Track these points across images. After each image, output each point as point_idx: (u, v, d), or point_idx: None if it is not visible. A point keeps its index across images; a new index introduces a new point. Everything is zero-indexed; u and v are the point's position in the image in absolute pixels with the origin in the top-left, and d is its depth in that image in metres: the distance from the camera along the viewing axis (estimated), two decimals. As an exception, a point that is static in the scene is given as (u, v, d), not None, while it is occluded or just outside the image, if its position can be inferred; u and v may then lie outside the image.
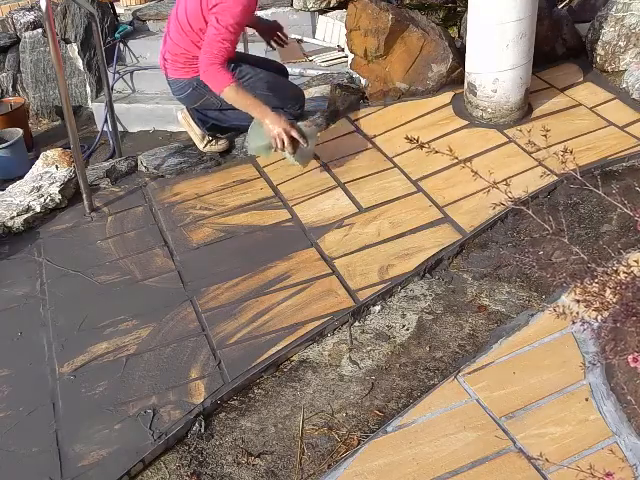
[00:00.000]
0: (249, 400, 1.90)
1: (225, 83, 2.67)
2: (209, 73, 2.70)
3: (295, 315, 2.12)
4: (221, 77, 2.68)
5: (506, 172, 2.46)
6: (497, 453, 1.58)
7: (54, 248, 2.67)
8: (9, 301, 2.42)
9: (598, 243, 2.14)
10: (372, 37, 3.04)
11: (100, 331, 2.20)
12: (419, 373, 1.88)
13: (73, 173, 2.97)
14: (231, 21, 2.66)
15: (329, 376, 1.93)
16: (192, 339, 2.10)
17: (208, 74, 2.70)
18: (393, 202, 2.53)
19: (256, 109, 2.70)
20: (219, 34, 2.67)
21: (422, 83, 3.09)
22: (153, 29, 5.33)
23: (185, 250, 2.51)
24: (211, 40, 2.69)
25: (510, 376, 1.76)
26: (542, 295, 2.03)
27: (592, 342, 1.78)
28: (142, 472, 1.75)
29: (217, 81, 2.69)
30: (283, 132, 2.62)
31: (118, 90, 4.97)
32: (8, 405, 2.00)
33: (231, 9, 2.66)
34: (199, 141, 3.06)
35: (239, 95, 2.69)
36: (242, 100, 2.71)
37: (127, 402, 1.92)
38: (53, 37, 2.56)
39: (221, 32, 2.67)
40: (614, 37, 2.99)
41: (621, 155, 2.53)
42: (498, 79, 2.76)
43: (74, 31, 5.04)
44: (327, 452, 1.71)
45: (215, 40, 2.68)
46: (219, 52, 2.68)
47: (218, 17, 2.67)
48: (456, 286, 2.15)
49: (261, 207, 2.67)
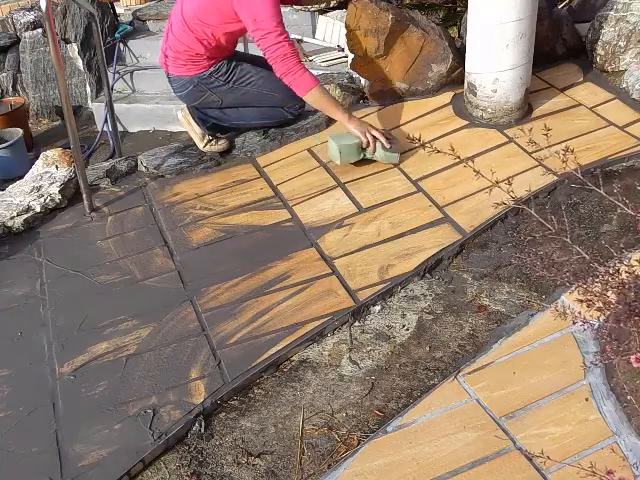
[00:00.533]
0: (249, 400, 1.90)
1: (312, 84, 2.69)
2: (294, 76, 2.68)
3: (295, 315, 2.12)
4: (306, 78, 2.69)
5: (506, 172, 2.46)
6: (497, 453, 1.58)
7: (54, 248, 2.67)
8: (9, 301, 2.42)
9: (598, 243, 2.14)
10: (372, 37, 3.04)
11: (100, 331, 2.20)
12: (419, 373, 1.88)
13: (73, 173, 2.97)
14: (275, 21, 2.65)
15: (329, 376, 1.93)
16: (192, 339, 2.10)
17: (293, 77, 2.68)
18: (393, 202, 2.53)
19: (339, 110, 2.74)
20: (271, 38, 2.65)
21: (422, 83, 3.09)
22: (153, 29, 5.34)
23: (185, 250, 2.51)
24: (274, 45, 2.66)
25: (510, 376, 1.76)
26: (542, 295, 2.03)
27: (592, 342, 1.78)
28: (142, 472, 1.75)
29: (303, 83, 2.69)
30: (370, 128, 2.66)
31: (118, 90, 4.98)
32: (8, 405, 2.00)
33: (264, 12, 2.64)
34: (199, 140, 3.06)
35: (324, 95, 2.73)
36: (325, 101, 2.74)
37: (127, 402, 1.92)
38: (53, 37, 2.56)
39: (276, 32, 2.65)
40: (614, 37, 3.00)
41: (621, 155, 2.53)
42: (498, 79, 2.76)
43: (74, 31, 5.05)
44: (327, 452, 1.71)
45: (278, 43, 2.65)
46: (285, 52, 2.66)
47: (262, 25, 2.65)
48: (456, 286, 2.15)
49: (261, 207, 2.67)
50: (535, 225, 2.30)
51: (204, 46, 2.85)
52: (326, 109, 2.80)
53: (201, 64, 2.91)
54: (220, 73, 2.94)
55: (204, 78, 2.94)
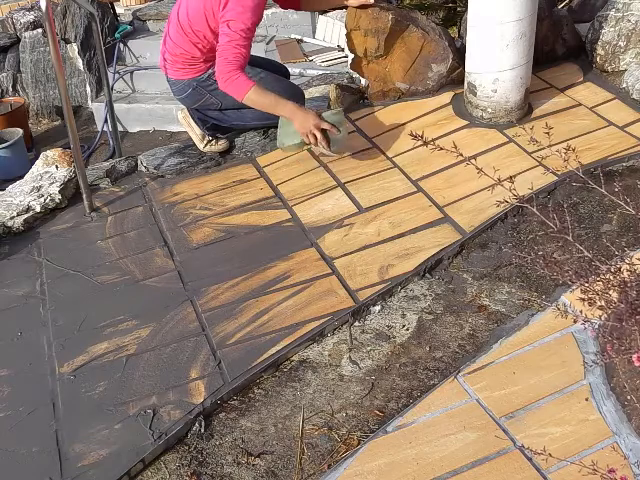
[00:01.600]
0: (249, 400, 1.90)
1: (246, 88, 2.62)
2: (227, 81, 2.64)
3: (295, 315, 2.12)
4: (240, 83, 2.62)
5: (506, 172, 2.46)
6: (497, 453, 1.58)
7: (54, 248, 2.67)
8: (9, 301, 2.42)
9: (599, 243, 2.14)
10: (372, 37, 3.04)
11: (100, 331, 2.20)
12: (419, 373, 1.88)
13: (73, 173, 2.97)
14: (242, 26, 2.63)
15: (329, 376, 1.93)
16: (192, 339, 2.10)
17: (226, 83, 2.64)
18: (393, 202, 2.53)
19: (283, 108, 2.68)
20: (232, 40, 2.63)
21: (422, 83, 3.09)
22: (153, 29, 5.34)
23: (185, 250, 2.51)
24: (225, 47, 2.64)
25: (510, 376, 1.76)
26: (542, 295, 2.03)
27: (592, 342, 1.78)
28: (142, 472, 1.75)
29: (237, 88, 2.64)
30: (314, 127, 2.61)
31: (118, 90, 4.98)
32: (8, 405, 2.00)
33: (241, 15, 2.63)
34: (199, 141, 3.06)
35: (261, 97, 2.65)
36: (266, 101, 2.68)
37: (127, 402, 1.92)
38: (53, 37, 2.56)
39: (234, 38, 2.63)
40: (614, 37, 3.00)
41: (621, 155, 2.53)
42: (498, 79, 2.76)
43: (74, 31, 5.05)
44: (327, 452, 1.71)
45: (229, 47, 2.63)
46: (234, 58, 2.63)
47: (229, 23, 2.63)
48: (456, 286, 2.15)
49: (261, 207, 2.67)
50: (535, 225, 2.30)
51: (199, 49, 2.85)
52: (269, 110, 2.72)
53: (198, 67, 2.91)
54: None
55: (202, 81, 2.93)
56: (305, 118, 2.63)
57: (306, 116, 2.63)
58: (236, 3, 2.65)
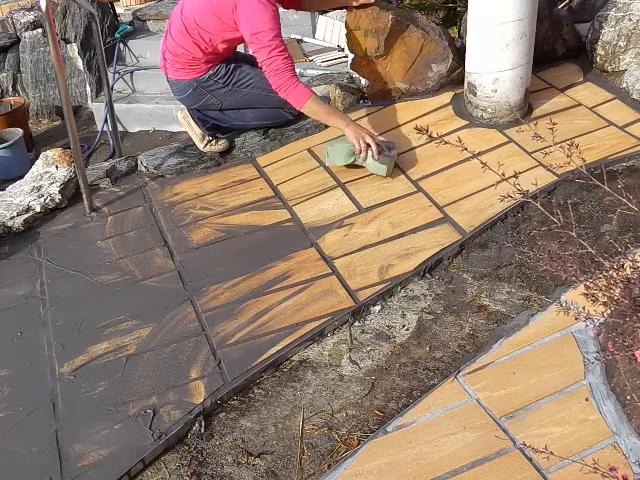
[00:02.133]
0: (249, 400, 1.90)
1: (305, 97, 2.68)
2: (287, 90, 2.68)
3: (295, 315, 2.12)
4: (300, 91, 2.68)
5: (506, 172, 2.45)
6: (497, 453, 1.58)
7: (54, 248, 2.67)
8: (9, 301, 2.42)
9: (599, 242, 2.14)
10: (372, 37, 3.04)
11: (100, 331, 2.20)
12: (419, 373, 1.88)
13: (73, 173, 2.97)
14: (271, 34, 2.64)
15: (329, 376, 1.93)
16: (192, 339, 2.10)
17: (287, 92, 2.68)
18: (393, 202, 2.53)
19: (338, 119, 2.71)
20: (271, 51, 2.64)
21: (422, 83, 3.09)
22: (153, 29, 5.33)
23: (185, 250, 2.51)
24: (269, 61, 2.66)
25: (510, 376, 1.76)
26: (542, 295, 2.03)
27: (592, 342, 1.78)
28: (142, 472, 1.75)
29: (297, 96, 2.68)
30: (367, 135, 2.63)
31: (118, 90, 4.97)
32: (8, 405, 2.00)
33: (262, 25, 2.63)
34: (199, 141, 3.06)
35: (319, 106, 2.71)
36: (324, 110, 2.73)
37: (127, 402, 1.92)
38: (53, 37, 2.56)
39: (270, 47, 2.64)
40: (614, 37, 2.99)
41: (621, 155, 2.53)
42: (498, 79, 2.76)
43: (74, 31, 5.05)
44: (327, 452, 1.71)
45: (272, 57, 2.65)
46: (285, 66, 2.66)
47: (259, 37, 2.64)
48: (456, 286, 2.15)
49: (261, 207, 2.67)
50: (536, 224, 2.30)
51: (201, 50, 2.84)
52: (324, 119, 2.80)
53: (199, 67, 2.90)
54: (219, 76, 2.93)
55: (203, 81, 2.93)
56: (360, 128, 2.68)
57: (360, 127, 2.69)
58: (252, 12, 2.64)
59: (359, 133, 2.64)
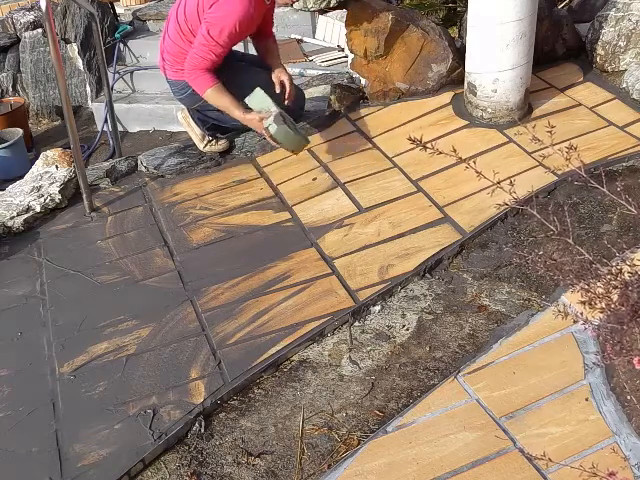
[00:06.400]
0: (249, 400, 1.90)
1: (207, 85, 2.74)
2: (191, 77, 2.75)
3: (295, 315, 2.12)
4: (203, 80, 2.74)
5: (506, 172, 2.46)
6: (497, 453, 1.58)
7: (54, 248, 2.67)
8: (9, 301, 2.42)
9: (599, 243, 2.14)
10: (372, 37, 3.04)
11: (100, 331, 2.20)
12: (419, 373, 1.88)
13: (73, 173, 2.97)
14: (222, 35, 2.66)
15: (329, 376, 1.93)
16: (192, 339, 2.10)
17: (191, 77, 2.76)
18: (393, 202, 2.53)
19: (234, 111, 2.77)
20: (207, 45, 2.68)
21: (422, 83, 3.09)
22: (153, 29, 5.33)
23: (185, 250, 2.51)
24: (199, 49, 2.71)
25: (510, 376, 1.76)
26: (542, 295, 2.03)
27: (592, 342, 1.78)
28: (142, 472, 1.75)
29: (199, 84, 2.76)
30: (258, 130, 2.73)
31: (118, 90, 4.96)
32: (8, 405, 2.00)
33: (223, 21, 2.64)
34: (199, 141, 3.06)
35: (219, 97, 2.77)
36: (221, 103, 2.79)
37: (127, 402, 1.92)
38: (53, 37, 2.56)
39: (210, 44, 2.68)
40: (614, 37, 2.99)
41: (621, 155, 2.53)
42: (498, 79, 2.76)
43: (74, 31, 5.04)
44: (327, 452, 1.71)
45: (202, 50, 2.70)
46: (203, 61, 2.71)
47: (209, 28, 2.66)
48: (456, 286, 2.15)
49: (261, 207, 2.67)
50: (535, 224, 2.30)
51: None
52: (223, 109, 2.83)
53: None
54: None
55: None
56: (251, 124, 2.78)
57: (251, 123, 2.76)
58: (220, 8, 2.65)
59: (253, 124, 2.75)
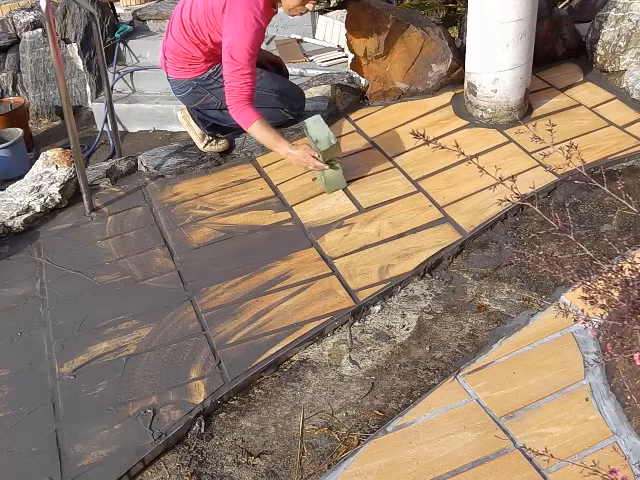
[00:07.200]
0: (249, 400, 1.90)
1: (251, 120, 2.68)
2: (236, 110, 2.70)
3: (295, 315, 2.12)
4: (247, 115, 2.69)
5: (507, 172, 2.46)
6: (497, 453, 1.58)
7: (54, 248, 2.67)
8: (9, 301, 2.42)
9: (599, 242, 2.14)
10: (372, 37, 3.04)
11: (100, 331, 2.20)
12: (419, 373, 1.88)
13: (73, 173, 2.97)
14: (246, 55, 2.63)
15: (329, 376, 1.93)
16: (192, 339, 2.10)
17: (236, 111, 2.70)
18: (393, 202, 2.53)
19: (278, 149, 2.74)
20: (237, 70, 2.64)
21: (422, 83, 3.10)
22: (153, 29, 5.33)
23: (185, 250, 2.51)
24: (231, 78, 2.66)
25: (510, 376, 1.76)
26: (542, 295, 2.03)
27: (592, 342, 1.78)
28: (142, 472, 1.75)
29: (244, 119, 2.70)
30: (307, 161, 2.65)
31: (118, 90, 4.97)
32: (8, 405, 2.00)
33: (241, 39, 2.62)
34: (199, 141, 3.06)
35: (263, 132, 2.71)
36: (266, 138, 2.74)
37: (127, 402, 1.92)
38: (53, 37, 2.56)
39: (238, 67, 2.64)
40: (614, 37, 2.99)
41: (621, 155, 2.53)
42: (498, 79, 2.76)
43: (74, 31, 5.05)
44: (327, 452, 1.71)
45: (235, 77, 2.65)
46: (239, 87, 2.66)
47: (232, 53, 2.63)
48: (456, 286, 2.15)
49: (261, 207, 2.67)
50: (535, 224, 2.30)
51: (200, 50, 2.84)
52: (267, 144, 2.80)
53: (199, 67, 2.90)
54: (219, 75, 2.92)
55: (203, 80, 2.93)
56: (297, 161, 2.70)
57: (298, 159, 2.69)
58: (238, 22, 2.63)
59: (299, 161, 2.69)
